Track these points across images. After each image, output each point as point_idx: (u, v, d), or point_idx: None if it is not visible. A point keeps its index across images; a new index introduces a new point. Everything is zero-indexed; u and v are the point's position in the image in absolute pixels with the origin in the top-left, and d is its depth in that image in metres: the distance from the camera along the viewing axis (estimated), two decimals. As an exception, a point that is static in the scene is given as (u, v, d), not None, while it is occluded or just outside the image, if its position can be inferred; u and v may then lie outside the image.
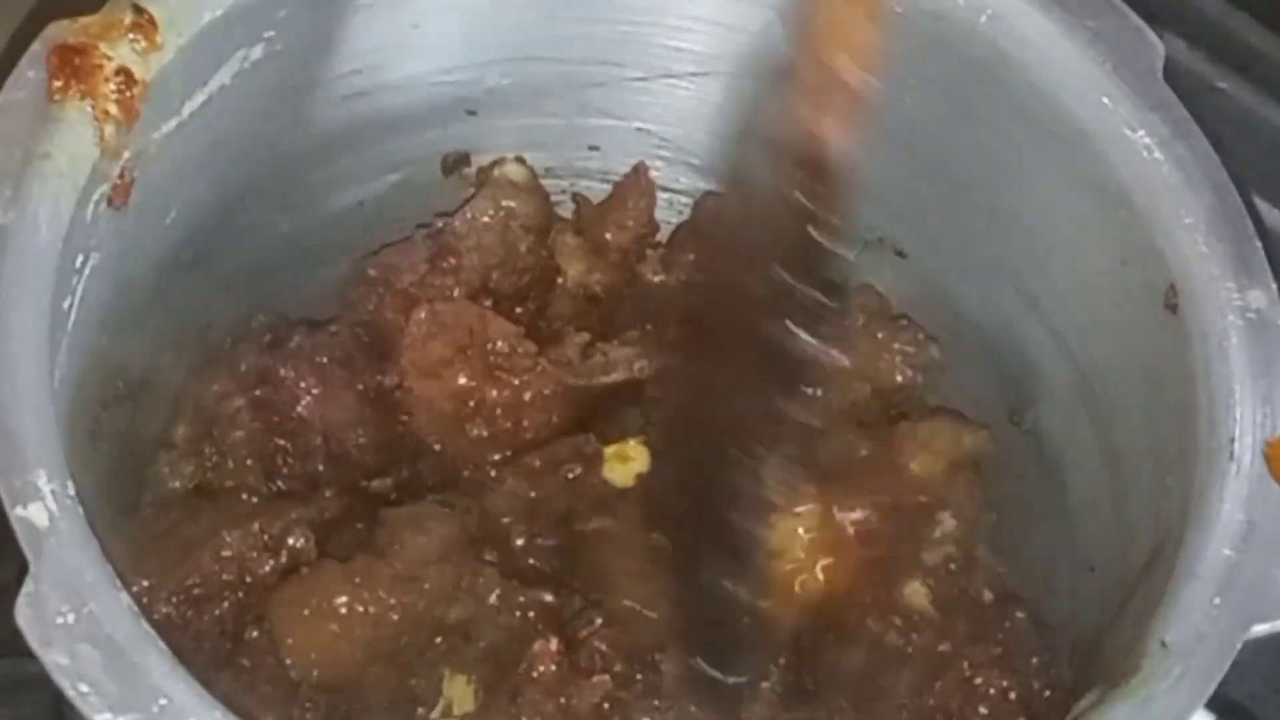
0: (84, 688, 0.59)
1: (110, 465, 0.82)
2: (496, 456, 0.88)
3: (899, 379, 0.93)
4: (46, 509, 0.62)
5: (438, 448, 0.88)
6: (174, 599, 0.78)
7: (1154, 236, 0.80)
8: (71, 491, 0.64)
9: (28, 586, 0.61)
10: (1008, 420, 0.92)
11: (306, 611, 0.78)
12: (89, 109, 0.74)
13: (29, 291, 0.68)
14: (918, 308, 0.97)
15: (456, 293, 0.91)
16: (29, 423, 0.65)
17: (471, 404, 0.87)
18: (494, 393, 0.88)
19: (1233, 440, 0.73)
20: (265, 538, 0.81)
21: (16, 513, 0.62)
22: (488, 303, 0.92)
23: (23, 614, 0.60)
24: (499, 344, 0.88)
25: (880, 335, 0.93)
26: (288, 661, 0.78)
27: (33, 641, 0.60)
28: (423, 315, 0.87)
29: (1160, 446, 0.78)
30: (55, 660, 0.59)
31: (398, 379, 0.87)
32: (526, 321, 0.93)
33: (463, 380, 0.87)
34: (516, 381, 0.88)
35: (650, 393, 0.88)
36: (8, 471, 0.63)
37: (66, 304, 0.72)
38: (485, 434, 0.88)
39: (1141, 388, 0.81)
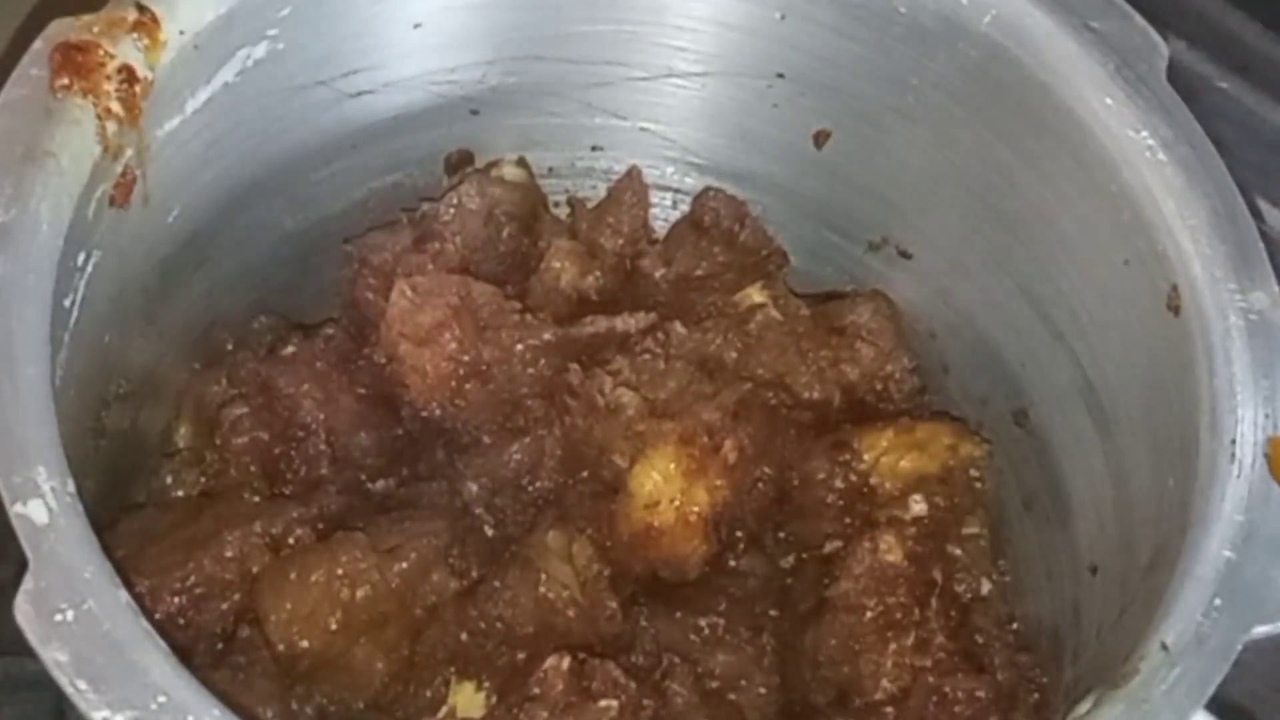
0: (82, 684, 0.59)
1: (112, 463, 0.83)
2: (499, 418, 0.88)
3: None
4: (46, 506, 0.62)
5: (438, 414, 0.88)
6: (176, 598, 0.78)
7: (1157, 238, 0.80)
8: (71, 489, 0.64)
9: (27, 584, 0.61)
10: (1010, 420, 0.92)
11: (286, 585, 0.79)
12: (91, 107, 0.74)
13: (30, 289, 0.68)
14: (922, 308, 0.97)
15: (431, 269, 0.91)
16: (29, 420, 0.65)
17: (467, 360, 0.88)
18: (486, 350, 0.88)
19: (1234, 441, 0.73)
20: (267, 538, 0.81)
21: (16, 510, 0.62)
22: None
23: (22, 611, 0.60)
24: (483, 304, 0.88)
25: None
26: (274, 639, 0.78)
27: (32, 638, 0.60)
28: (404, 287, 0.87)
29: (1162, 447, 0.78)
30: (54, 657, 0.59)
31: (386, 354, 0.88)
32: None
33: (455, 343, 0.87)
34: (505, 337, 0.88)
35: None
36: (7, 468, 0.63)
37: (68, 302, 0.73)
38: (483, 391, 0.88)
39: (1144, 388, 0.81)
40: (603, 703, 0.77)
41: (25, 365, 0.66)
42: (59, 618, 0.60)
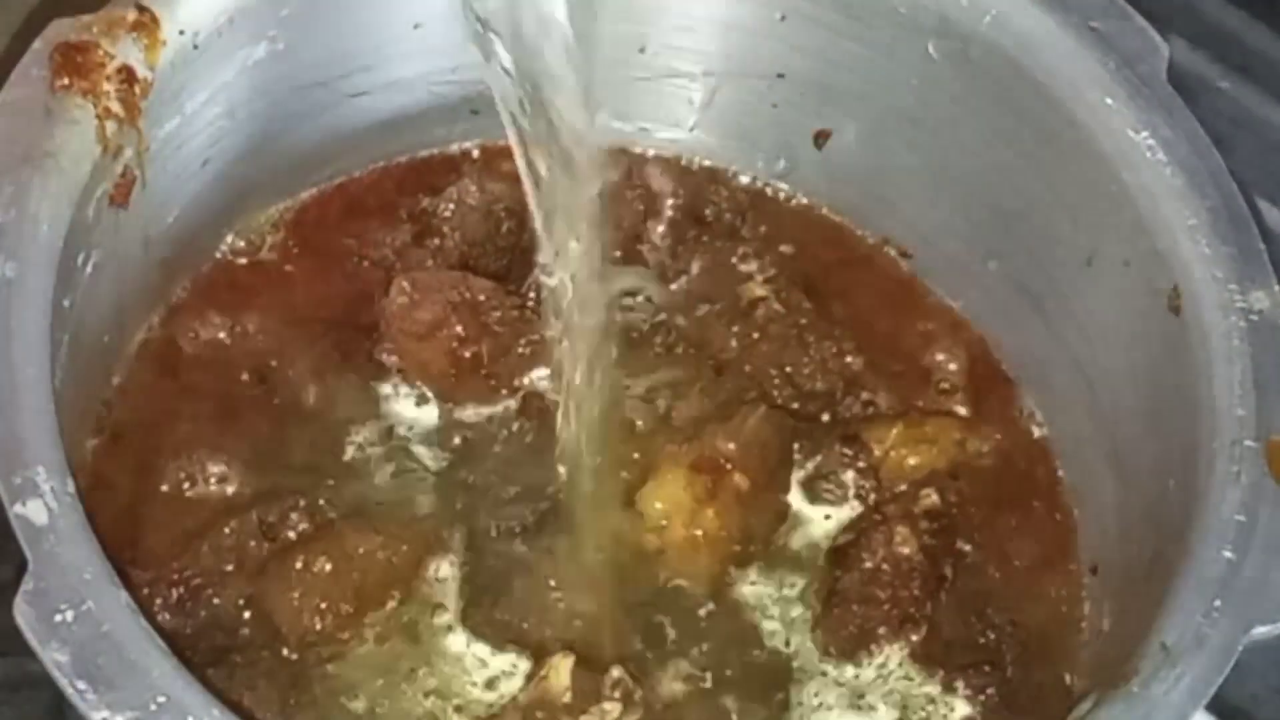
0: (82, 685, 0.59)
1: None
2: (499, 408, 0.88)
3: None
4: (45, 506, 0.62)
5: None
6: (175, 589, 0.78)
7: (1157, 238, 0.80)
8: (70, 489, 0.64)
9: (26, 584, 0.61)
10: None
11: (292, 573, 0.78)
12: (91, 107, 0.74)
13: (30, 289, 0.68)
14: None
15: (431, 264, 0.91)
16: (29, 420, 0.65)
17: (468, 357, 0.88)
18: (488, 345, 0.88)
19: (1234, 442, 0.73)
20: (264, 525, 0.81)
21: (15, 510, 0.62)
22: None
23: (21, 611, 0.60)
24: (483, 299, 0.88)
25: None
26: (284, 629, 0.78)
27: (31, 639, 0.60)
28: (404, 284, 0.87)
29: (1162, 447, 0.78)
30: (53, 658, 0.59)
31: (388, 349, 0.88)
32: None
33: (455, 339, 0.87)
34: (503, 331, 0.88)
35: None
36: (7, 468, 0.63)
37: (68, 302, 0.72)
38: (483, 386, 0.88)
39: (1144, 389, 0.81)
40: (607, 705, 0.77)
41: (25, 365, 0.66)
42: (59, 618, 0.60)
